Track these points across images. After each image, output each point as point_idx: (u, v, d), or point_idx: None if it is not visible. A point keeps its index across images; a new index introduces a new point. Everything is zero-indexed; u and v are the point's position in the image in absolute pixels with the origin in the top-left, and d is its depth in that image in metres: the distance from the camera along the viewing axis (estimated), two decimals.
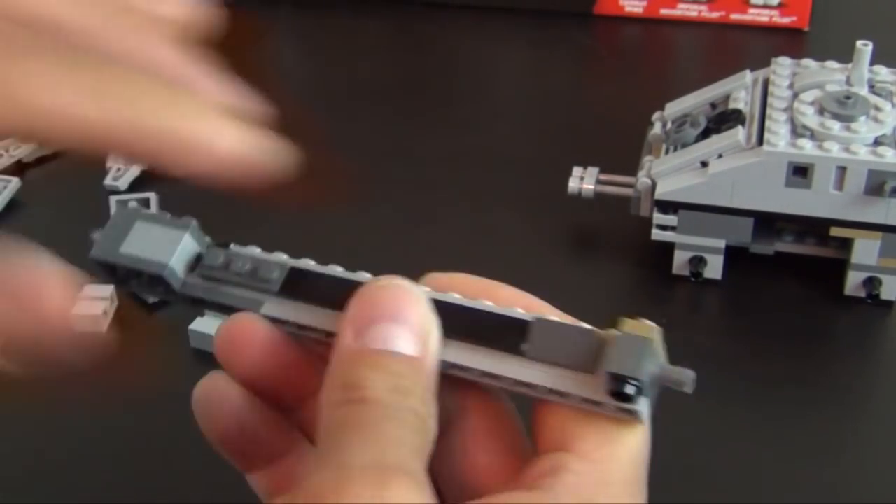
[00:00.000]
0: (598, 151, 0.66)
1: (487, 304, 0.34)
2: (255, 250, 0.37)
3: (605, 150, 0.66)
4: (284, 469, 0.36)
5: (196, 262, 0.36)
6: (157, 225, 0.36)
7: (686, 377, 0.31)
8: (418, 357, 0.32)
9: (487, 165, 0.68)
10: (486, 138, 0.71)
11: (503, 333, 0.33)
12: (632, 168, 0.59)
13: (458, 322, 0.33)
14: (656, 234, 0.58)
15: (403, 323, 0.32)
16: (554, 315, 0.34)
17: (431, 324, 0.33)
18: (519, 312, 0.33)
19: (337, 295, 0.33)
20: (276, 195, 0.34)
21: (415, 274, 0.34)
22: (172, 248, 0.36)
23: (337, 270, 0.35)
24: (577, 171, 0.61)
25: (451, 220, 0.63)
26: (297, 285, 0.36)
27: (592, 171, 0.61)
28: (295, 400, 0.36)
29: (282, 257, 0.36)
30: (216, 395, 0.36)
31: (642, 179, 0.57)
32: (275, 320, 0.35)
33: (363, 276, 0.35)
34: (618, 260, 0.60)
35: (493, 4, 0.84)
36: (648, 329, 0.31)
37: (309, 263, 0.36)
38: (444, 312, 0.33)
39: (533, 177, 0.66)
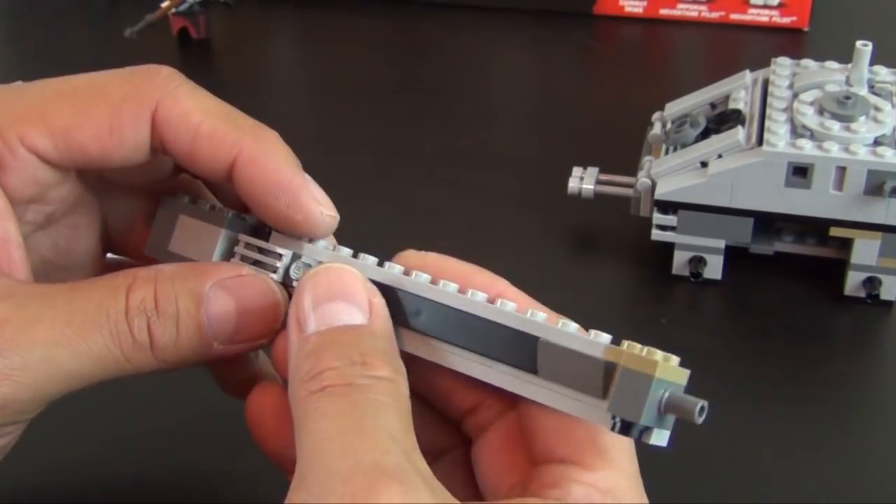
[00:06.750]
0: (598, 151, 0.66)
1: (507, 313, 0.33)
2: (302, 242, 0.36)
3: (605, 150, 0.66)
4: None
5: (234, 246, 0.37)
6: (197, 220, 0.38)
7: (693, 407, 0.30)
8: (366, 324, 0.32)
9: (487, 165, 0.68)
10: (487, 138, 0.71)
11: (515, 349, 0.33)
12: (632, 168, 0.59)
13: (470, 333, 0.33)
14: (656, 234, 0.58)
15: (340, 299, 0.32)
16: (532, 304, 0.34)
17: (371, 290, 0.33)
18: (530, 325, 0.33)
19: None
20: None
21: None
22: (211, 245, 0.37)
23: (396, 269, 0.35)
24: (577, 171, 0.61)
25: (450, 220, 0.63)
26: None
27: (592, 171, 0.61)
28: None
29: (320, 247, 0.36)
30: (269, 404, 0.36)
31: (642, 179, 0.57)
32: None
33: (395, 267, 0.35)
34: (618, 260, 0.60)
35: (493, 4, 0.84)
36: (650, 364, 0.30)
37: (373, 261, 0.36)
38: (457, 323, 0.33)
39: (533, 177, 0.66)
